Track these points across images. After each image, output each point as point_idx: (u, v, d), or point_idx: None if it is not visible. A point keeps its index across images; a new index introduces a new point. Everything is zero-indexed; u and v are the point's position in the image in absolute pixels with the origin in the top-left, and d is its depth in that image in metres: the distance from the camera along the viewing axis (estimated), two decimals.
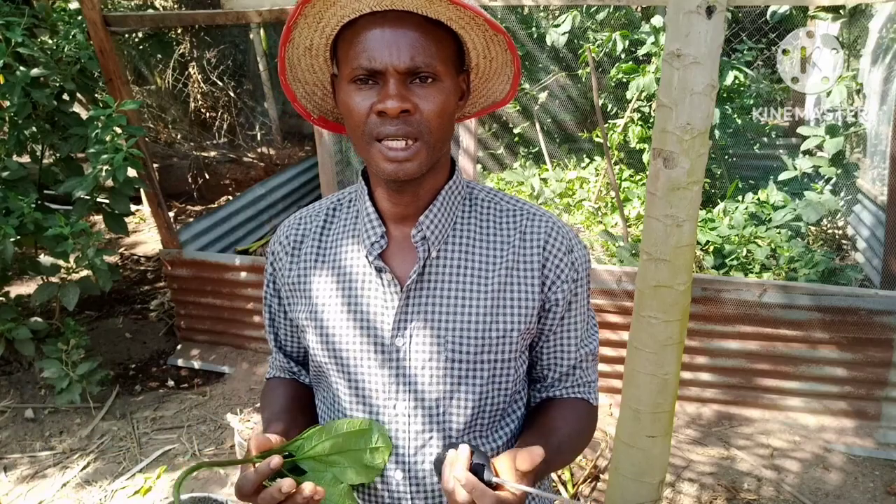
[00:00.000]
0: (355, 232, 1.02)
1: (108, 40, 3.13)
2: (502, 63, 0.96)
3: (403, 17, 0.85)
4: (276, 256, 1.08)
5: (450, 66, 0.89)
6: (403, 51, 0.84)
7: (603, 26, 5.03)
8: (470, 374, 0.97)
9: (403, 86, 0.85)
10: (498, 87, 1.01)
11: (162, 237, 3.72)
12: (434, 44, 0.86)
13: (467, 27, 0.89)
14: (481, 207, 1.02)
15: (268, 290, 1.11)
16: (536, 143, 5.24)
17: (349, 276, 1.00)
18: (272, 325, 1.14)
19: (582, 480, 2.70)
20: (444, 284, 0.97)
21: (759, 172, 4.73)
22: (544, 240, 0.99)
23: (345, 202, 1.06)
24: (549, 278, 0.99)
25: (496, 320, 0.97)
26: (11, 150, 3.15)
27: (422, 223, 0.96)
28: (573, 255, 1.01)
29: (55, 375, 3.10)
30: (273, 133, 6.78)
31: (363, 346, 0.98)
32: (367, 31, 0.85)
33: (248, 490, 0.83)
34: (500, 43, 0.92)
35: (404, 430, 0.98)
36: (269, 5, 3.00)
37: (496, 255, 0.99)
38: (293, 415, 1.07)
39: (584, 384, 1.09)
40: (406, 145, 0.87)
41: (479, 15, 0.85)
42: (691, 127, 1.58)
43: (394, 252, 0.99)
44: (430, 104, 0.87)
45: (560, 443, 0.99)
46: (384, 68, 0.84)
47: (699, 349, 3.03)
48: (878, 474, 2.73)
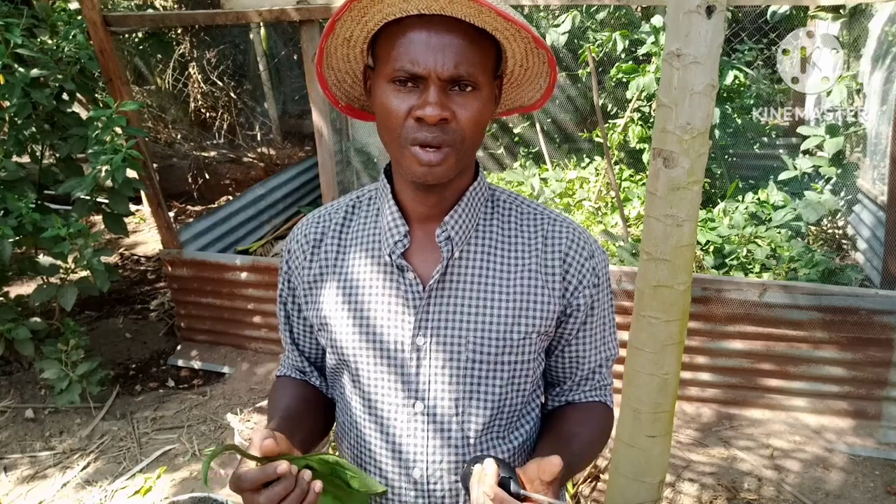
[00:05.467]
0: (376, 230, 1.01)
1: (108, 40, 3.13)
2: (537, 73, 0.96)
3: (450, 23, 0.84)
4: (293, 254, 1.07)
5: (489, 74, 0.89)
6: (448, 58, 0.84)
7: (603, 26, 5.02)
8: (490, 374, 0.98)
9: (444, 93, 0.85)
10: (527, 93, 1.01)
11: (162, 237, 3.72)
12: (477, 52, 0.86)
13: (511, 38, 0.89)
14: (503, 210, 1.02)
15: (283, 288, 1.11)
16: (536, 143, 5.24)
17: (370, 275, 1.00)
18: (287, 323, 1.14)
19: (582, 480, 2.70)
20: (467, 285, 0.97)
21: (759, 172, 4.73)
22: (567, 245, 0.99)
23: (364, 200, 1.06)
24: (571, 283, 0.99)
25: (517, 322, 0.97)
26: (11, 151, 3.15)
27: (447, 223, 0.96)
28: (594, 261, 1.01)
29: (55, 376, 3.10)
30: (273, 133, 6.78)
31: (384, 344, 0.98)
32: (412, 33, 0.84)
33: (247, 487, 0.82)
34: (541, 56, 0.92)
35: (423, 430, 0.99)
36: (269, 5, 2.99)
37: (518, 258, 0.99)
38: (299, 415, 1.07)
39: (602, 388, 1.10)
40: (438, 149, 0.87)
41: (526, 31, 0.85)
42: (691, 127, 1.58)
43: (416, 251, 0.99)
44: (468, 113, 0.87)
45: (580, 449, 1.00)
46: (427, 74, 0.84)
47: (699, 349, 3.03)
48: (878, 474, 2.73)
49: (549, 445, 1.01)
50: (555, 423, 1.07)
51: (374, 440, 1.02)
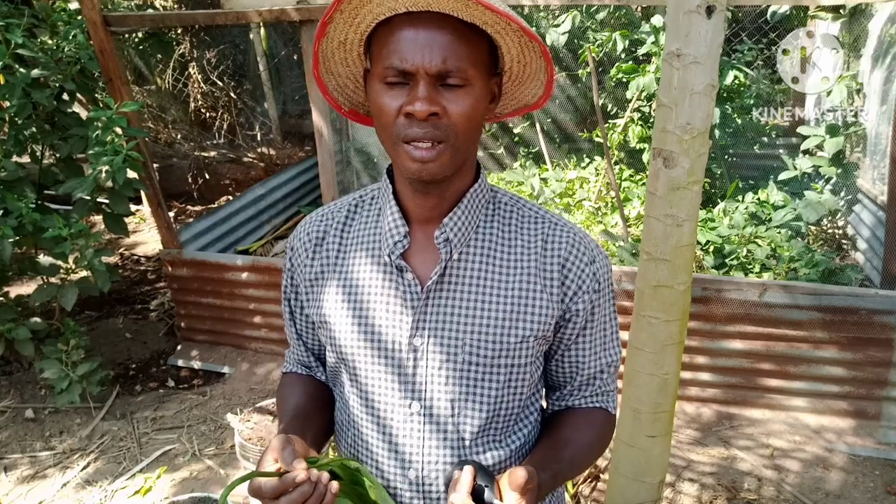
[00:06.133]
0: (377, 230, 1.02)
1: (108, 40, 3.13)
2: (536, 69, 0.96)
3: (439, 19, 0.84)
4: (296, 252, 1.08)
5: (482, 69, 0.89)
6: (436, 53, 0.84)
7: (603, 26, 5.02)
8: (486, 377, 0.98)
9: (433, 88, 0.85)
10: (531, 90, 1.01)
11: (162, 237, 3.72)
12: (467, 47, 0.86)
13: (502, 32, 0.88)
14: (504, 212, 1.02)
15: (286, 285, 1.12)
16: (536, 143, 5.24)
17: (370, 274, 1.00)
18: (291, 319, 1.14)
19: (582, 480, 2.70)
20: (465, 287, 0.97)
21: (759, 172, 4.73)
22: (567, 250, 0.99)
23: (367, 199, 1.07)
24: (570, 289, 0.99)
25: (514, 325, 0.97)
26: (11, 151, 3.15)
27: (446, 224, 0.96)
28: (595, 266, 1.01)
29: (55, 376, 3.10)
30: (273, 133, 6.79)
31: (382, 344, 0.99)
32: (400, 31, 0.85)
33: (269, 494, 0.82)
34: (535, 49, 0.91)
35: (419, 431, 0.99)
36: (269, 5, 2.99)
37: (517, 261, 0.99)
38: (309, 413, 1.07)
39: (604, 393, 1.09)
40: (431, 146, 0.87)
41: (514, 22, 0.85)
42: (691, 127, 1.58)
43: (415, 252, 0.99)
44: (459, 108, 0.86)
45: (573, 455, 1.00)
46: (415, 70, 0.84)
47: (699, 349, 3.03)
48: (878, 474, 2.73)
49: (541, 450, 1.01)
50: (551, 429, 1.07)
51: (372, 439, 1.02)
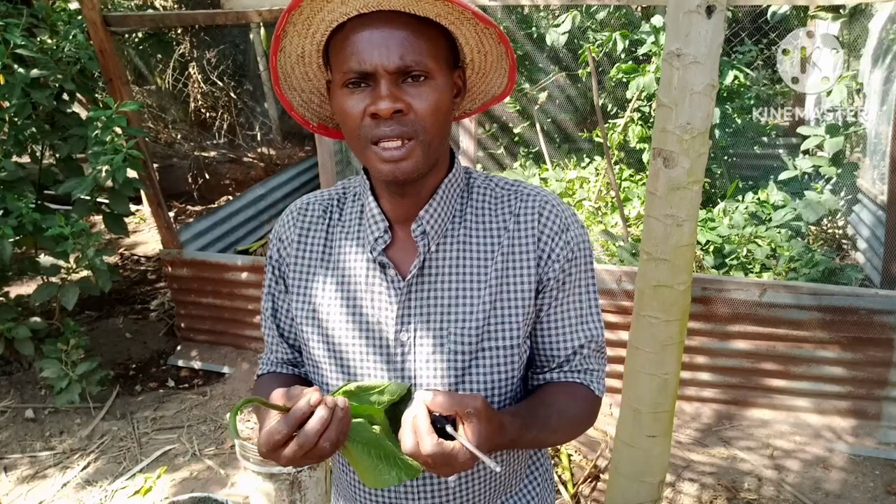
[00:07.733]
0: (360, 228, 1.02)
1: (108, 40, 3.13)
2: (497, 56, 0.95)
3: (391, 17, 0.84)
4: (284, 243, 1.06)
5: (442, 63, 0.89)
6: (392, 51, 0.84)
7: (603, 26, 5.03)
8: (472, 363, 0.98)
9: (395, 86, 0.85)
10: (495, 81, 1.01)
11: (162, 237, 3.72)
12: (424, 42, 0.86)
13: (457, 22, 0.88)
14: (478, 196, 1.02)
15: (271, 280, 1.10)
16: (536, 143, 5.24)
17: (355, 270, 1.01)
18: (274, 316, 1.11)
19: (582, 480, 2.70)
20: (444, 277, 0.98)
21: (759, 172, 4.73)
22: (536, 219, 0.99)
23: (350, 194, 1.06)
24: (542, 257, 0.98)
25: (495, 307, 0.97)
26: (11, 151, 3.15)
27: (421, 217, 0.96)
28: (569, 234, 0.99)
29: (55, 375, 3.10)
30: (273, 133, 6.78)
31: (370, 340, 0.99)
32: (355, 34, 0.85)
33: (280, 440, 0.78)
34: (492, 36, 0.91)
35: None
36: (269, 5, 3.00)
37: (493, 243, 0.99)
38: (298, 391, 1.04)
39: (584, 371, 1.06)
40: (401, 144, 0.87)
41: (466, 9, 0.84)
42: (691, 127, 1.58)
43: (397, 247, 1.00)
44: (424, 103, 0.86)
45: (548, 415, 0.98)
46: (374, 70, 0.84)
47: (699, 349, 3.03)
48: (878, 474, 2.73)
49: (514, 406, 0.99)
50: (529, 394, 1.05)
51: None
